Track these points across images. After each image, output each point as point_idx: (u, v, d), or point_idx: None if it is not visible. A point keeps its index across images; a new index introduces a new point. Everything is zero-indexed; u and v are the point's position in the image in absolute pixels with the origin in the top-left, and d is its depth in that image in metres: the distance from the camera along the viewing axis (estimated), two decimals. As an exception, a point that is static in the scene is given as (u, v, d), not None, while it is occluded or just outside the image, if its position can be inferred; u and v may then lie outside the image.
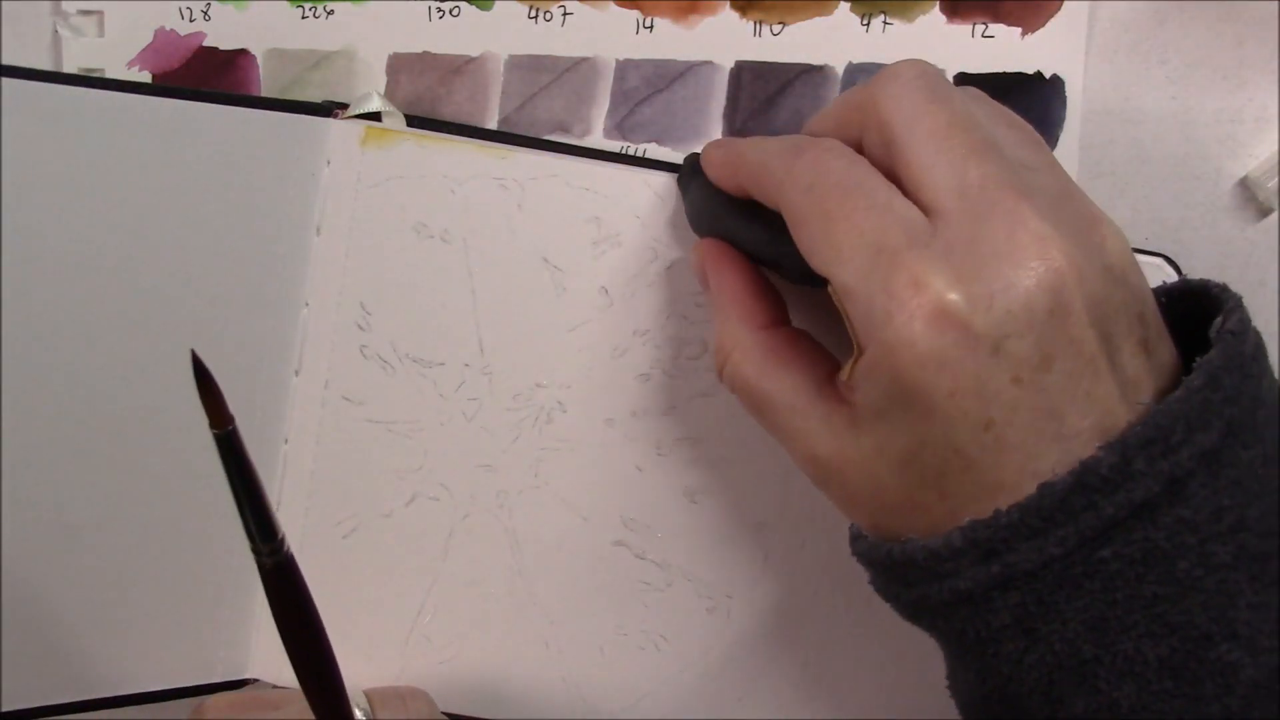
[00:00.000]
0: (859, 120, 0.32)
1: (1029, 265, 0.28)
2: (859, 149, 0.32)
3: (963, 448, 0.28)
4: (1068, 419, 0.28)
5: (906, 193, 0.30)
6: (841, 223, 0.30)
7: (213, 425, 0.28)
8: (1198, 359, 0.29)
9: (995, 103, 0.33)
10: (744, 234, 0.36)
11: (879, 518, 0.31)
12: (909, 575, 0.30)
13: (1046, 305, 0.28)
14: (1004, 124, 0.32)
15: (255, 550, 0.29)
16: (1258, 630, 0.27)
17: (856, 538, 0.33)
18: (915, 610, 0.31)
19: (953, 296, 0.28)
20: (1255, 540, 0.28)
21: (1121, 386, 0.29)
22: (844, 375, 0.31)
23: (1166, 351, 0.30)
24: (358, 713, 0.39)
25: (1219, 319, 0.30)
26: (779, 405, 0.33)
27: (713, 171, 0.37)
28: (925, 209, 0.30)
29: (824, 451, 0.31)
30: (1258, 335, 0.30)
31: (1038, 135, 0.33)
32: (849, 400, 0.31)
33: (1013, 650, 0.29)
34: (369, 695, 0.40)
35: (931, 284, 0.28)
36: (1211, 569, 0.27)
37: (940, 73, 0.32)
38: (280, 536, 0.29)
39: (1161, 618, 0.27)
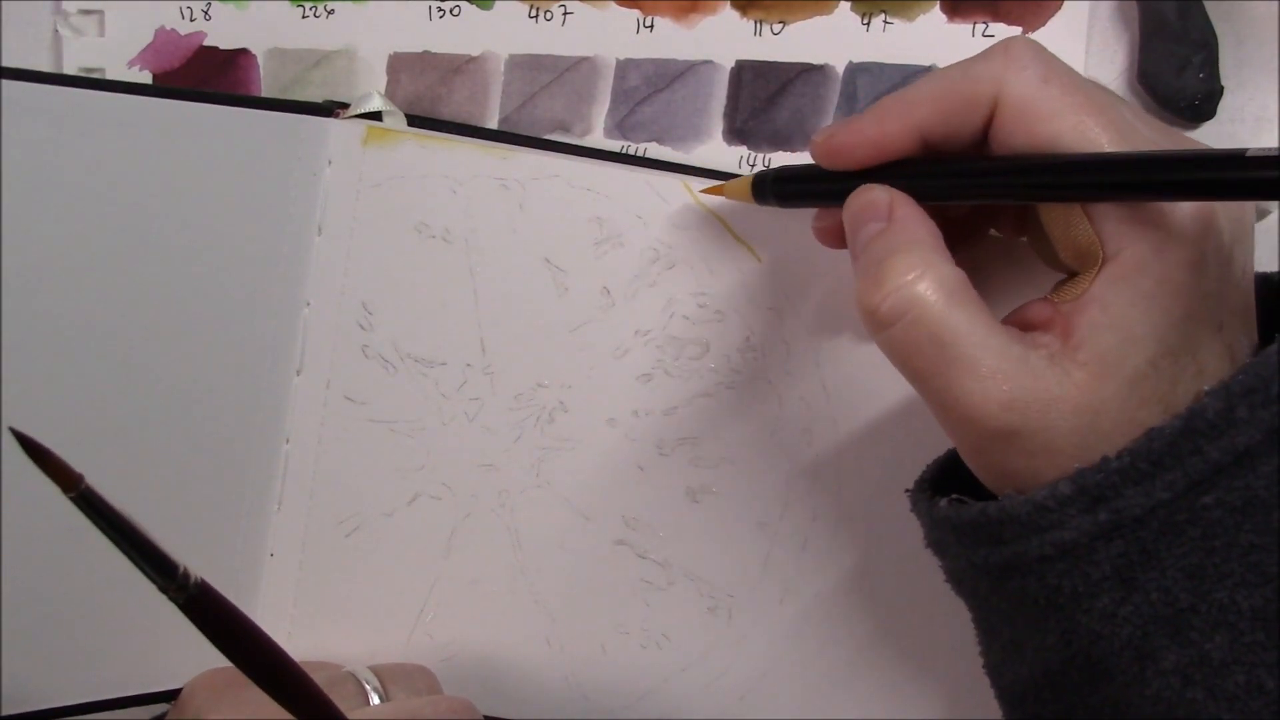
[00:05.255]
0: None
1: None
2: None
3: (1199, 352, 0.29)
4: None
5: None
6: (1092, 129, 0.29)
7: (64, 490, 0.25)
8: None
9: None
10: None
11: (1074, 455, 0.30)
12: (1004, 533, 0.30)
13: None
14: None
15: (163, 590, 0.27)
16: None
17: (932, 505, 0.32)
18: (1002, 573, 0.30)
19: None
20: None
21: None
22: (1071, 294, 0.30)
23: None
24: (369, 690, 0.39)
25: None
26: (970, 342, 0.29)
27: (857, 139, 0.33)
28: None
29: (1022, 393, 0.29)
30: None
31: None
32: (1056, 331, 0.30)
33: (1108, 604, 0.29)
34: (376, 672, 0.40)
35: None
36: None
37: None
38: (181, 569, 0.26)
39: (1257, 567, 0.28)
